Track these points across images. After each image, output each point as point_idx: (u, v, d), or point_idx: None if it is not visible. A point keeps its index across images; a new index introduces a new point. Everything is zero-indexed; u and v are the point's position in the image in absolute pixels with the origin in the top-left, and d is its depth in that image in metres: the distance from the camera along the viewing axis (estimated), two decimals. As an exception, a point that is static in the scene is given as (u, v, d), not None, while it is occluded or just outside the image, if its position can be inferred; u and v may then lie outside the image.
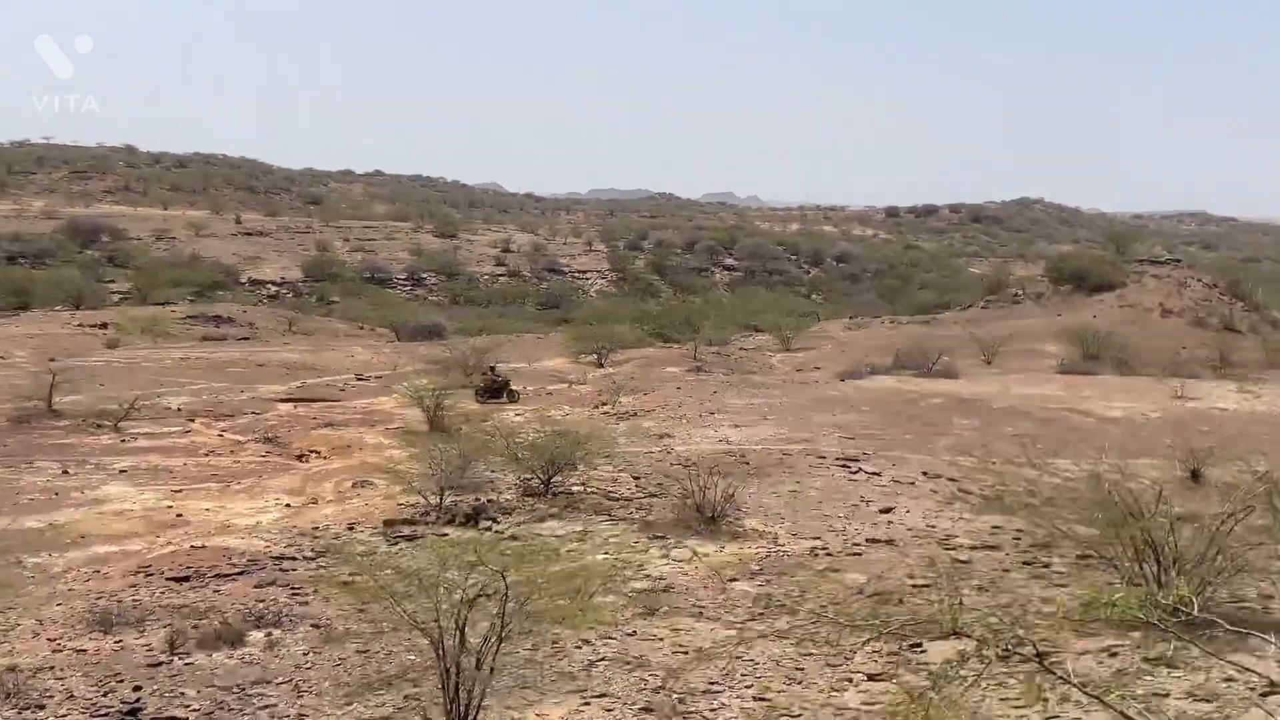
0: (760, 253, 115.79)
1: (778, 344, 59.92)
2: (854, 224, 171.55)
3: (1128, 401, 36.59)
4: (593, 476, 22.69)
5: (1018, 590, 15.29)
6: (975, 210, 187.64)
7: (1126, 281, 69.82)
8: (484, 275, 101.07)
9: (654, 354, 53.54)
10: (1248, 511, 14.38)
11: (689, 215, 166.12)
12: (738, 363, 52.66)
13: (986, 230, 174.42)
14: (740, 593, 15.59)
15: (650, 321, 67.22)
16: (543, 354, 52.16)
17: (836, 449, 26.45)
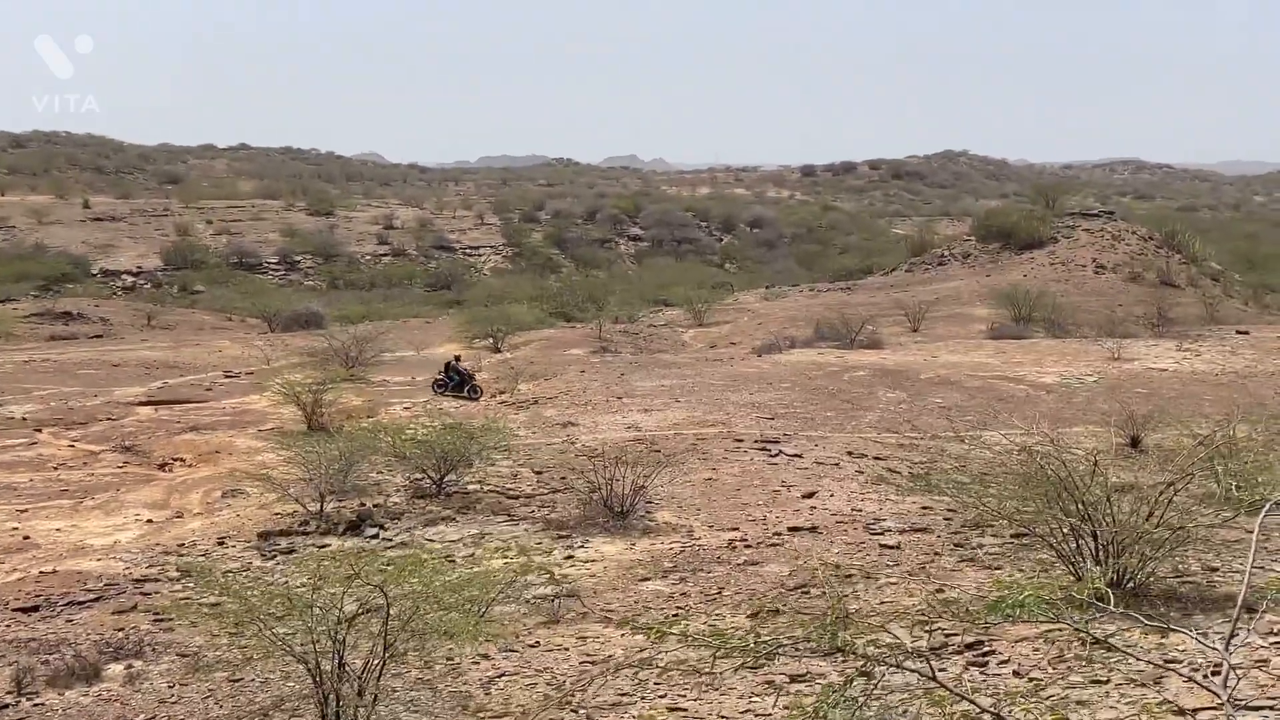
0: (668, 220, 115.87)
1: (689, 319, 60.14)
2: (768, 185, 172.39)
3: (1061, 366, 37.33)
4: (490, 473, 22.50)
5: (949, 576, 15.44)
6: (896, 166, 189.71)
7: (1057, 237, 71.17)
8: (365, 256, 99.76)
9: (555, 335, 53.38)
10: (1188, 479, 14.65)
11: (589, 182, 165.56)
12: (646, 341, 52.75)
13: (909, 187, 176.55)
14: (653, 593, 15.54)
15: (550, 300, 67.10)
16: (433, 340, 51.71)
17: (754, 431, 26.54)
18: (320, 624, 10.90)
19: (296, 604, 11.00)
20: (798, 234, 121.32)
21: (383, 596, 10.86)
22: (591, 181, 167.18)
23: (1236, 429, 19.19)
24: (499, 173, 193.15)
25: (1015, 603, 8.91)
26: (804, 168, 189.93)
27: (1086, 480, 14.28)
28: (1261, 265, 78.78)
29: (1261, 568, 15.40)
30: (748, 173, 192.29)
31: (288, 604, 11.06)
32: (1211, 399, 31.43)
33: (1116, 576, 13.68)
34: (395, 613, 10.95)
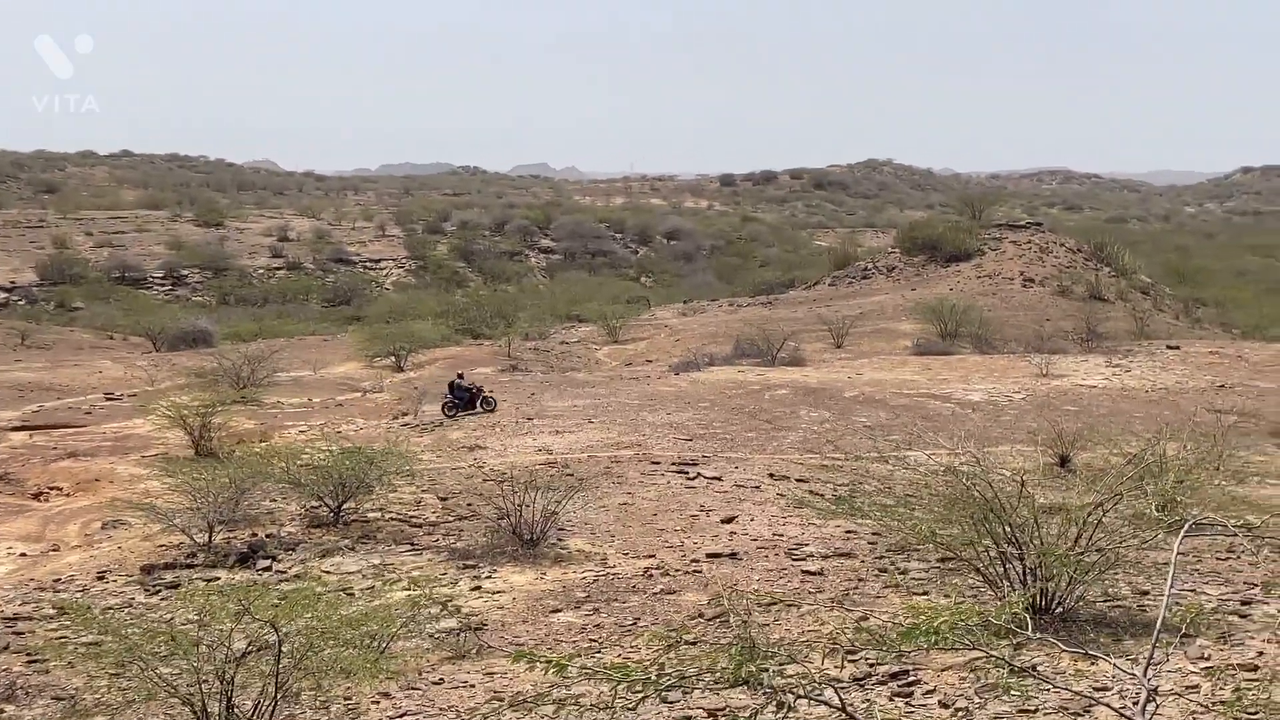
0: (581, 232, 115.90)
1: (604, 335, 60.16)
2: (686, 195, 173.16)
3: (989, 383, 37.92)
4: (392, 500, 22.31)
5: (873, 603, 15.60)
6: (819, 175, 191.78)
7: (984, 249, 72.32)
8: (258, 269, 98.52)
9: (462, 353, 53.08)
10: (1117, 499, 14.94)
11: (498, 191, 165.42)
12: (558, 359, 52.72)
13: (832, 197, 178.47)
14: (565, 625, 15.51)
15: (456, 316, 66.71)
16: (331, 358, 51.21)
17: (672, 452, 26.63)
18: (207, 663, 10.74)
19: (182, 642, 10.83)
20: (717, 246, 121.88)
21: (275, 633, 10.72)
22: (500, 191, 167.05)
23: (1166, 447, 19.64)
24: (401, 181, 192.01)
25: (930, 629, 9.01)
26: (723, 177, 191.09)
27: (1014, 502, 14.51)
28: (1192, 278, 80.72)
29: (1194, 590, 15.77)
30: (664, 182, 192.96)
31: (172, 642, 10.88)
32: (1142, 416, 32.12)
33: (1045, 601, 13.91)
34: (288, 650, 10.82)
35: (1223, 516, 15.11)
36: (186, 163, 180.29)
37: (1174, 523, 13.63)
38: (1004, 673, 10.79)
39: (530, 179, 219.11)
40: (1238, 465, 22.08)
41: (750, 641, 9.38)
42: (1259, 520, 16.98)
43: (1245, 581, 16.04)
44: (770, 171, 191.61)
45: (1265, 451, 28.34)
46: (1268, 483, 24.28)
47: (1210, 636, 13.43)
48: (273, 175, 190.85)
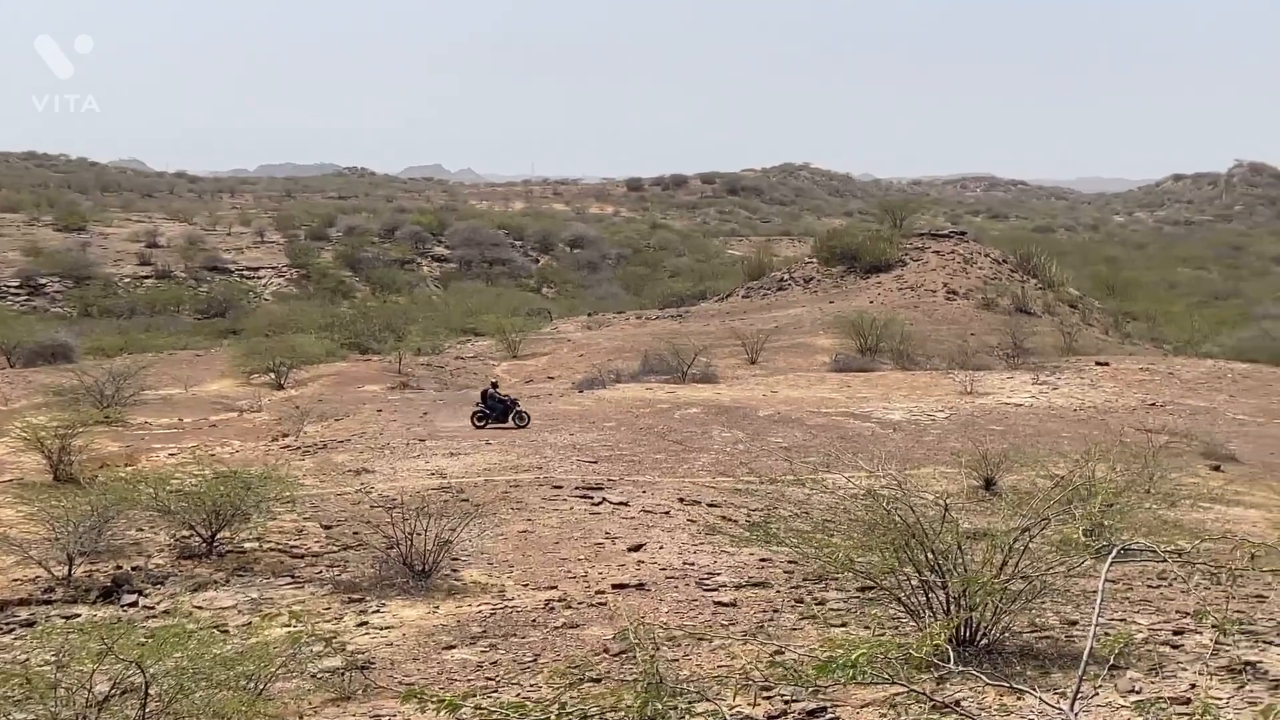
0: (477, 239, 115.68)
1: (502, 350, 60.10)
2: (590, 200, 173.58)
3: (911, 401, 38.40)
4: (270, 529, 22.01)
5: (789, 635, 15.69)
6: (732, 180, 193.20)
7: (906, 260, 73.37)
8: (124, 278, 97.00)
9: (348, 369, 52.70)
10: (1044, 524, 15.19)
11: (388, 195, 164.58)
12: (453, 376, 52.51)
13: (745, 203, 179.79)
14: (459, 662, 15.41)
15: (343, 329, 66.27)
16: (204, 375, 50.54)
17: (575, 476, 26.62)
18: (66, 708, 10.53)
19: (38, 685, 10.61)
20: (623, 255, 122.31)
21: (141, 674, 10.54)
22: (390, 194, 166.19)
23: (1095, 469, 20.02)
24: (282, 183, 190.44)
25: (847, 663, 9.10)
26: (630, 181, 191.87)
27: (936, 527, 14.68)
28: (1122, 291, 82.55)
29: (1124, 620, 16.08)
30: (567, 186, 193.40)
31: (27, 685, 10.66)
32: (1070, 436, 32.72)
33: (969, 632, 14.09)
34: (156, 693, 10.65)
35: (1153, 542, 15.43)
36: (45, 161, 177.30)
37: (1101, 548, 13.89)
38: (925, 709, 10.92)
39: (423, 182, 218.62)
40: (1169, 488, 22.61)
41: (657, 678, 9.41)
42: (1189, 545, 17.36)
43: (1177, 610, 16.38)
44: (680, 175, 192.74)
45: (1198, 473, 29.00)
46: (1200, 506, 24.85)
47: (1141, 668, 13.69)
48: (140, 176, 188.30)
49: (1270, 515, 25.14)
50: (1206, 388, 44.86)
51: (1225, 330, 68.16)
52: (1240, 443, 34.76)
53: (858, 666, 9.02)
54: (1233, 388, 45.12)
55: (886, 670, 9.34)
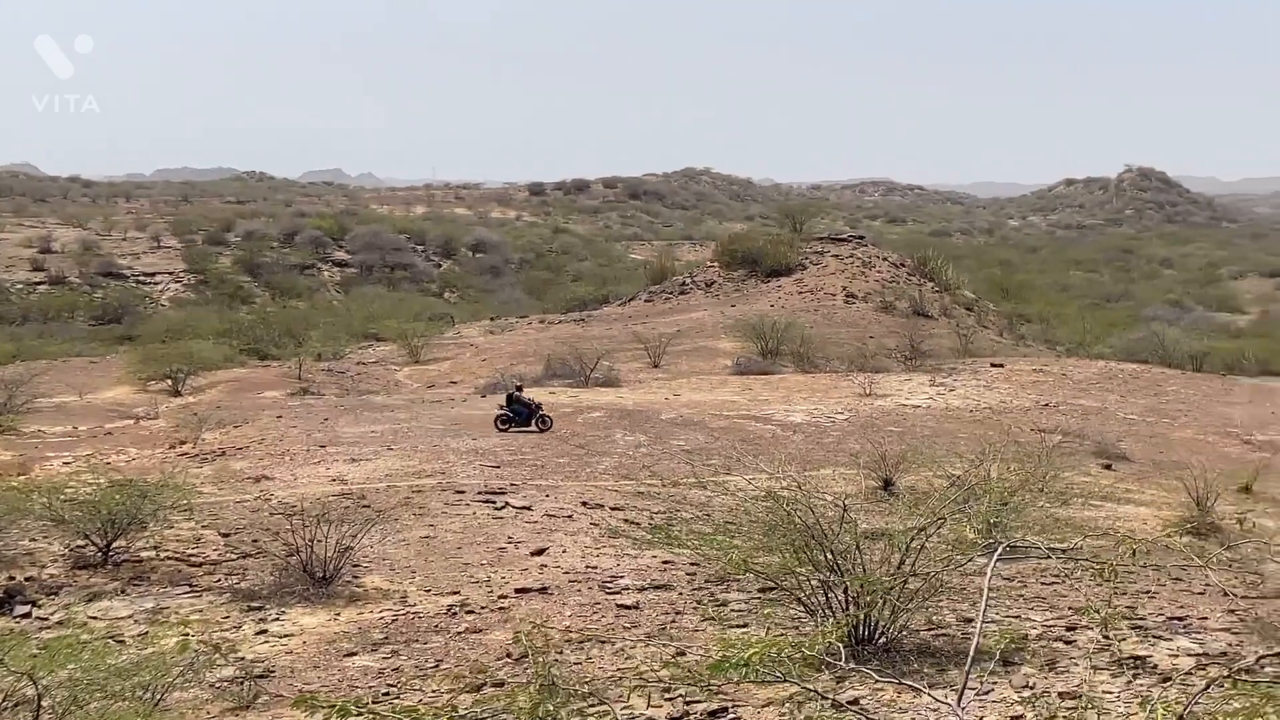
0: (378, 243, 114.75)
1: (404, 355, 59.73)
2: (492, 205, 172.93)
3: (811, 403, 38.74)
4: (168, 537, 21.67)
5: (691, 637, 15.77)
6: (633, 185, 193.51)
7: (806, 264, 73.92)
8: (16, 284, 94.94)
9: (247, 376, 52.06)
10: (940, 523, 15.41)
11: (287, 199, 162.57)
12: (354, 381, 52.07)
13: (647, 208, 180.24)
14: (360, 669, 15.29)
15: (241, 335, 65.58)
16: (99, 382, 49.67)
17: (478, 480, 26.52)
18: (-44, 723, 10.30)
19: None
20: (526, 259, 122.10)
21: (34, 686, 10.33)
22: (290, 198, 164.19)
23: (990, 469, 20.35)
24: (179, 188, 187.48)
25: (741, 662, 9.15)
26: (532, 185, 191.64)
27: (835, 528, 14.85)
28: (1016, 294, 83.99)
29: (1018, 617, 16.37)
30: (469, 190, 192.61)
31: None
32: (966, 437, 33.18)
33: (868, 631, 14.26)
34: (49, 704, 10.45)
35: (1044, 539, 15.72)
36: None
37: (989, 545, 14.11)
38: (824, 707, 11.02)
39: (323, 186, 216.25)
40: (1062, 487, 23.03)
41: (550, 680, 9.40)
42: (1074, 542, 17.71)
43: (1070, 607, 16.70)
44: (582, 180, 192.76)
45: (1090, 472, 29.60)
46: (1092, 504, 25.35)
47: (1035, 664, 13.94)
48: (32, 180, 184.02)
49: (1160, 513, 25.69)
50: (1098, 388, 45.73)
51: (1116, 332, 69.53)
52: (1131, 442, 35.50)
53: (750, 665, 9.06)
54: (1123, 388, 46.04)
55: (779, 669, 9.39)
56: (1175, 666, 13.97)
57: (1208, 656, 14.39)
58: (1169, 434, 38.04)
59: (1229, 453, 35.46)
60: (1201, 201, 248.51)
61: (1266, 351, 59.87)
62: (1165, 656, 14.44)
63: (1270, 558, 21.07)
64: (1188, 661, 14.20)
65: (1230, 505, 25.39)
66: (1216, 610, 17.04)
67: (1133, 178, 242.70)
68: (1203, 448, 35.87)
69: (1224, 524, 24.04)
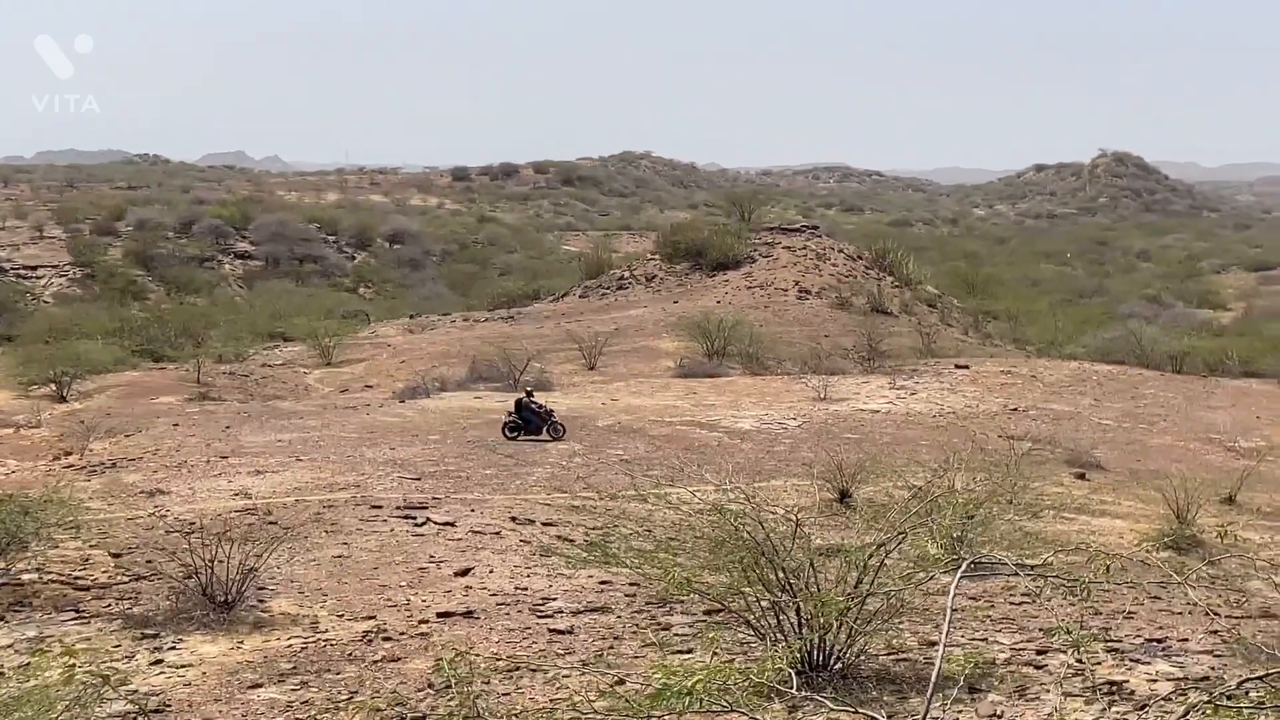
0: (286, 233, 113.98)
1: (314, 357, 59.46)
2: (412, 191, 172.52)
3: (761, 408, 38.88)
4: (52, 558, 21.45)
5: (630, 664, 15.77)
6: (567, 170, 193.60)
7: (755, 256, 74.13)
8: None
9: (140, 379, 51.62)
10: (901, 538, 15.48)
11: (184, 185, 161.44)
12: (259, 385, 51.80)
13: (582, 195, 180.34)
14: (266, 702, 15.19)
15: (134, 334, 64.96)
16: (-26, 387, 49.02)
17: (396, 494, 26.44)
18: None
19: None
20: (449, 251, 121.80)
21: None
22: (187, 184, 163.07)
23: (955, 479, 20.48)
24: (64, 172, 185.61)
25: (682, 691, 9.16)
26: (455, 170, 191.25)
27: (787, 544, 14.87)
28: (982, 289, 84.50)
29: (985, 640, 16.48)
30: (386, 175, 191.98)
31: None
32: (929, 444, 33.44)
33: (823, 656, 14.30)
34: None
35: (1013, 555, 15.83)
36: None
37: (952, 562, 14.19)
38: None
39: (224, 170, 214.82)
40: (1032, 498, 23.22)
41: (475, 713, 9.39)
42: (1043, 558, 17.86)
43: (1040, 629, 16.83)
44: (511, 165, 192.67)
45: (1062, 482, 29.91)
46: (1064, 517, 25.60)
47: (1004, 691, 14.04)
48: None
49: (1137, 526, 26.00)
50: (1070, 391, 46.20)
51: (1090, 330, 70.12)
52: (1106, 449, 35.89)
53: (695, 695, 9.08)
54: (1097, 391, 46.53)
55: (726, 698, 9.42)
56: (1154, 691, 14.11)
57: (1188, 680, 14.55)
58: (1147, 440, 38.51)
59: (1211, 460, 35.93)
60: (1181, 189, 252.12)
61: (1251, 351, 60.57)
62: (1143, 681, 14.58)
63: (1255, 574, 21.34)
64: (1167, 686, 14.34)
65: (1213, 517, 25.70)
66: (1198, 631, 17.24)
67: (1107, 163, 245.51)
68: (1183, 455, 36.34)
69: (1205, 537, 24.34)
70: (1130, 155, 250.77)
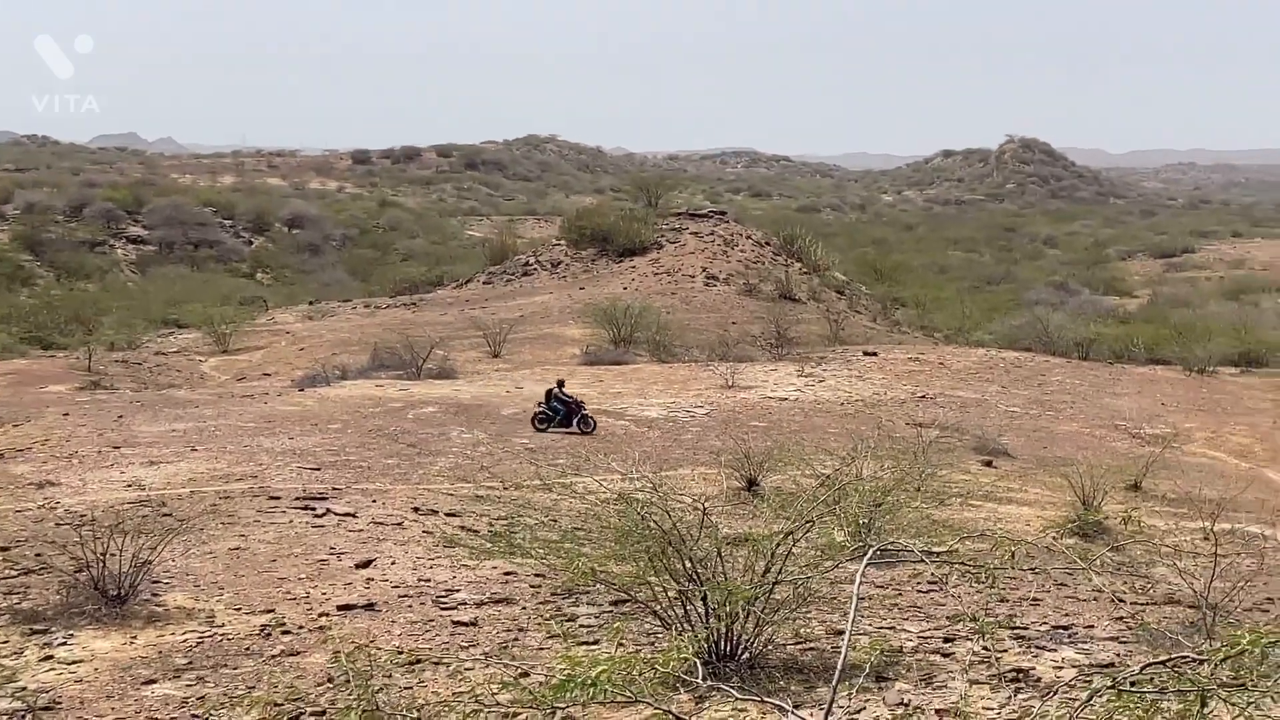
0: (180, 217, 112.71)
1: (211, 344, 58.92)
2: (310, 175, 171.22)
3: (668, 396, 39.02)
4: (-65, 552, 21.13)
5: (535, 655, 15.78)
6: (470, 153, 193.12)
7: (662, 242, 74.37)
8: None
9: (28, 368, 50.87)
10: (809, 527, 15.60)
11: (74, 167, 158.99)
12: (153, 374, 51.27)
13: (486, 179, 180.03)
14: (161, 699, 15.03)
15: (22, 321, 64.14)
16: None
17: (295, 485, 26.24)
18: None
19: None
20: (349, 236, 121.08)
21: None
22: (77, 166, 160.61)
23: (863, 467, 20.67)
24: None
25: (585, 682, 9.16)
26: (356, 153, 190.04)
27: (695, 533, 14.94)
28: (890, 276, 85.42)
29: (892, 628, 16.66)
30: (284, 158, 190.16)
31: None
32: (837, 431, 33.72)
33: (730, 646, 14.39)
34: None
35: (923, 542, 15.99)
36: None
37: (857, 549, 14.32)
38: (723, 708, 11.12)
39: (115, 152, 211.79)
40: (939, 486, 23.51)
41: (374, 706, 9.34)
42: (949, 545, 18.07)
43: (948, 616, 17.04)
44: (413, 148, 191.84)
45: (969, 469, 30.27)
46: (971, 504, 25.92)
47: (912, 679, 14.20)
48: None
49: (1044, 513, 26.37)
50: (978, 378, 46.79)
51: (997, 317, 71.13)
52: (1013, 436, 36.39)
53: (598, 686, 9.09)
54: (1005, 378, 47.17)
55: (630, 688, 9.43)
56: (1059, 678, 14.33)
57: (1093, 667, 14.79)
58: (1053, 427, 39.08)
59: (1117, 447, 36.54)
60: (1088, 175, 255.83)
61: (1156, 338, 61.68)
62: (1049, 668, 14.81)
63: (1160, 560, 21.73)
64: (1072, 673, 14.56)
65: (1118, 504, 26.12)
66: (1103, 617, 17.54)
67: (1015, 149, 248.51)
68: (1089, 442, 36.93)
69: (1111, 524, 24.74)
70: (1037, 141, 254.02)
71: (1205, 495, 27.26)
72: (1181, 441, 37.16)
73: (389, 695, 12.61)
